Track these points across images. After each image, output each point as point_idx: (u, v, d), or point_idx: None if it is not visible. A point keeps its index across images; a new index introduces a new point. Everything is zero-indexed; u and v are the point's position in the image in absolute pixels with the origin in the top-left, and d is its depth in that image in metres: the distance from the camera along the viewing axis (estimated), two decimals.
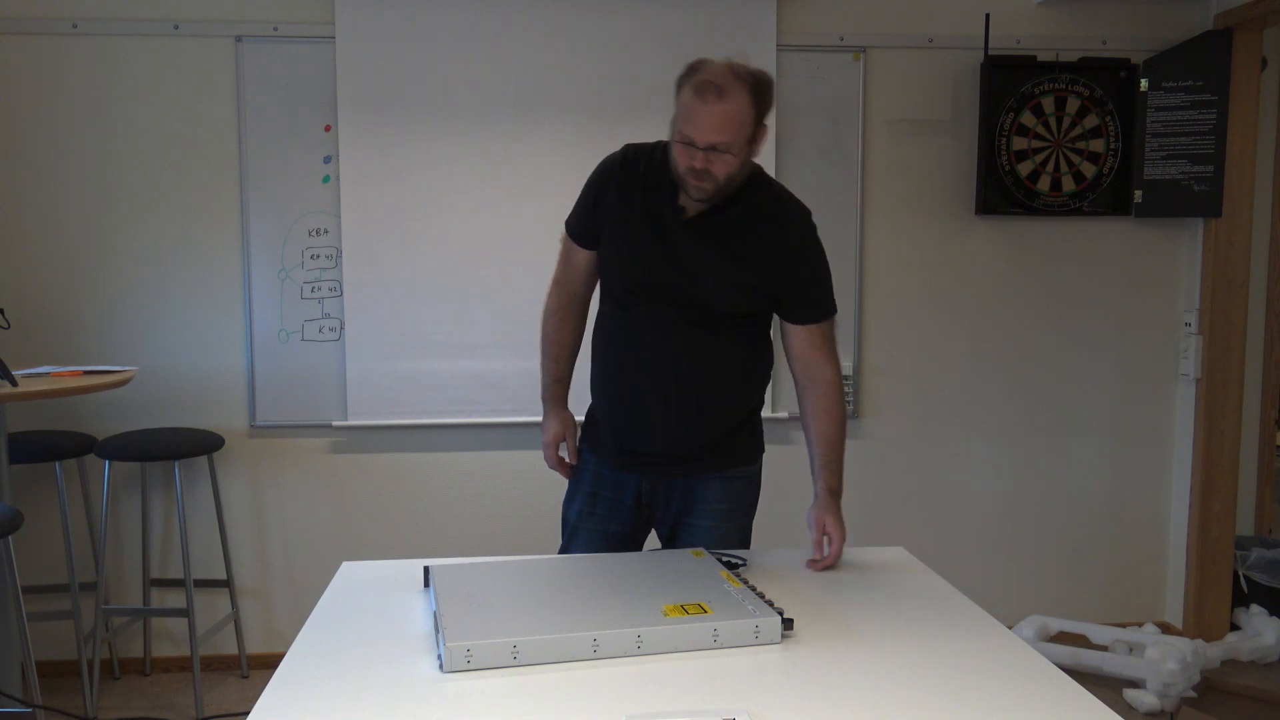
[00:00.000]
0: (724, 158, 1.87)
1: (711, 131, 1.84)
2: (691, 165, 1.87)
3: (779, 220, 2.01)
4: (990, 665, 1.45)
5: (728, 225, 1.98)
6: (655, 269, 2.00)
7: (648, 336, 2.04)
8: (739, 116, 1.86)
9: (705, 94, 1.82)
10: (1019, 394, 3.75)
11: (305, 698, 1.35)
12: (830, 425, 2.06)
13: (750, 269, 1.99)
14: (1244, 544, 3.81)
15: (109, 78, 3.35)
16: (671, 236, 1.98)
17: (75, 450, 3.22)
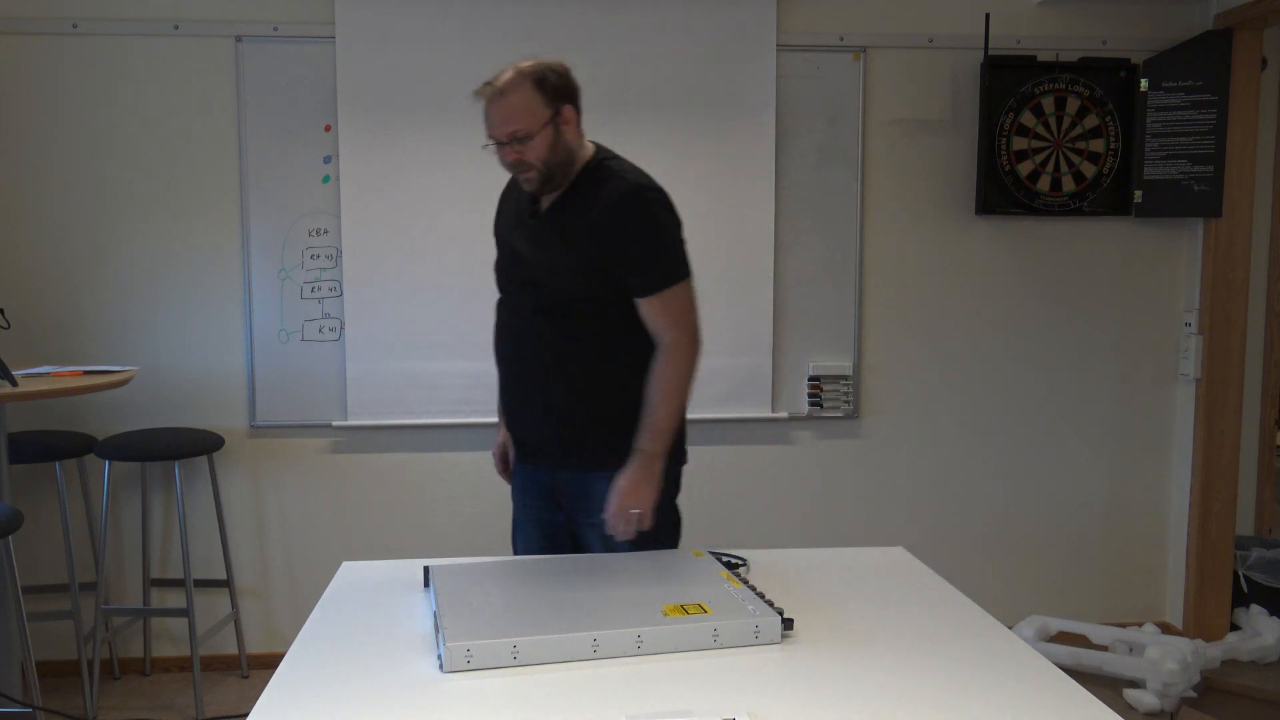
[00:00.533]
0: (528, 144, 2.00)
1: (501, 124, 1.99)
2: (507, 161, 2.03)
3: (602, 197, 2.05)
4: (990, 665, 1.45)
5: (565, 211, 2.08)
6: (511, 261, 2.15)
7: (509, 328, 2.15)
8: (523, 104, 1.99)
9: (490, 95, 2.00)
10: (1019, 394, 3.75)
11: (305, 698, 1.35)
12: (655, 385, 2.08)
13: (579, 250, 2.05)
14: (1244, 544, 3.81)
15: (109, 78, 3.35)
16: (526, 230, 2.11)
17: (75, 450, 3.22)
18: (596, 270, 2.05)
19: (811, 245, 3.60)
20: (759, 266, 3.55)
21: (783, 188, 3.56)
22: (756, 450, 3.66)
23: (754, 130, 3.51)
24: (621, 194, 2.05)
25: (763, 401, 3.59)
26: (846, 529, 3.73)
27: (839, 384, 3.65)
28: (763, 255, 3.55)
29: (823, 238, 3.61)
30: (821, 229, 3.60)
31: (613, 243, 2.04)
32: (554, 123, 2.02)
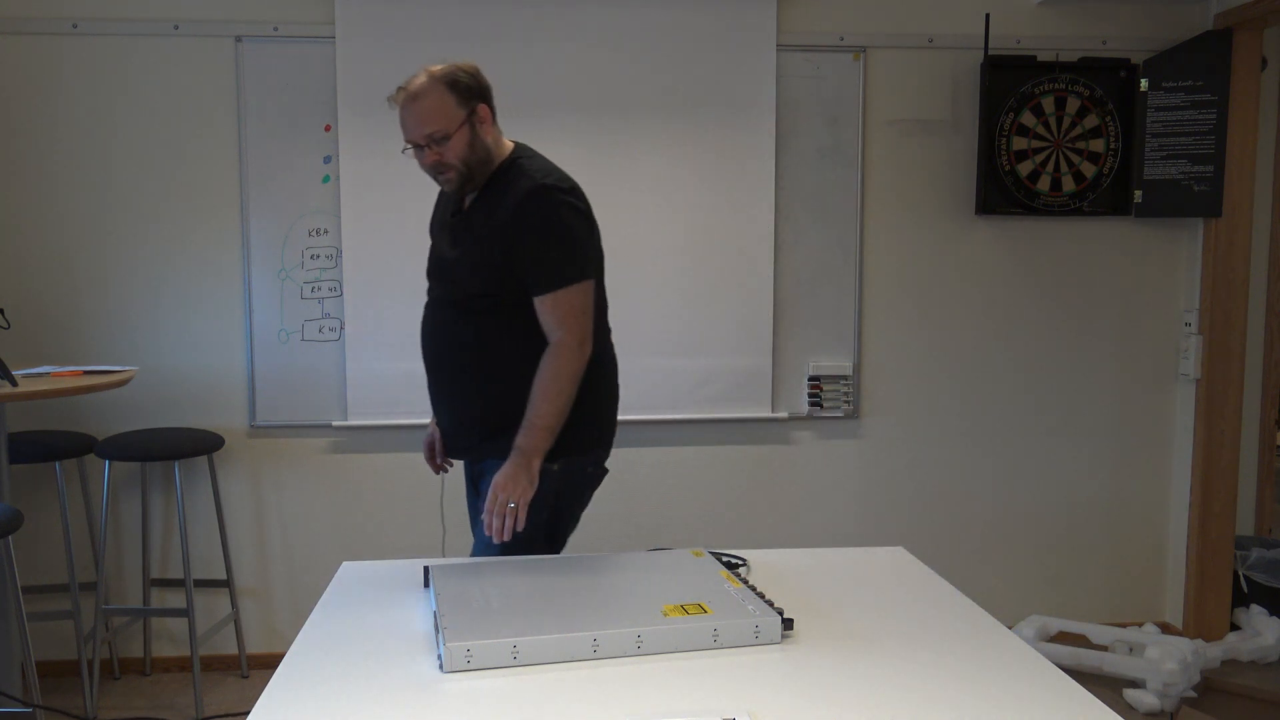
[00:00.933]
0: (444, 145, 2.05)
1: (418, 127, 2.05)
2: (427, 163, 2.08)
3: (506, 194, 2.09)
4: (990, 665, 1.45)
5: (478, 209, 2.12)
6: (435, 259, 2.20)
7: (429, 323, 2.21)
8: (436, 106, 2.04)
9: (403, 101, 2.05)
10: (1019, 394, 3.75)
11: (305, 698, 1.35)
12: (537, 383, 2.07)
13: (483, 246, 2.08)
14: (1244, 544, 3.81)
15: (109, 78, 3.35)
16: (448, 228, 2.18)
17: (75, 450, 3.22)
18: (497, 267, 2.07)
19: (811, 245, 3.60)
20: (759, 266, 3.55)
21: (783, 188, 3.56)
22: (756, 450, 3.66)
23: (754, 130, 3.51)
24: (526, 191, 2.06)
25: (763, 401, 3.59)
26: (846, 529, 3.73)
27: (839, 384, 3.65)
28: (763, 255, 3.55)
29: (823, 238, 3.61)
30: (821, 229, 3.60)
31: (512, 240, 2.06)
32: (470, 122, 2.06)
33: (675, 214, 3.52)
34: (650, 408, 3.55)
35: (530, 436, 2.05)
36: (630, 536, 3.64)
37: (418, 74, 2.07)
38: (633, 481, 3.62)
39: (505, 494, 2.01)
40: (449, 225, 2.18)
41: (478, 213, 2.12)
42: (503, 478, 2.02)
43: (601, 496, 3.62)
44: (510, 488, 2.01)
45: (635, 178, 3.49)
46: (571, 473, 2.15)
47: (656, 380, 3.54)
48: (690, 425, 3.62)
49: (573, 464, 2.15)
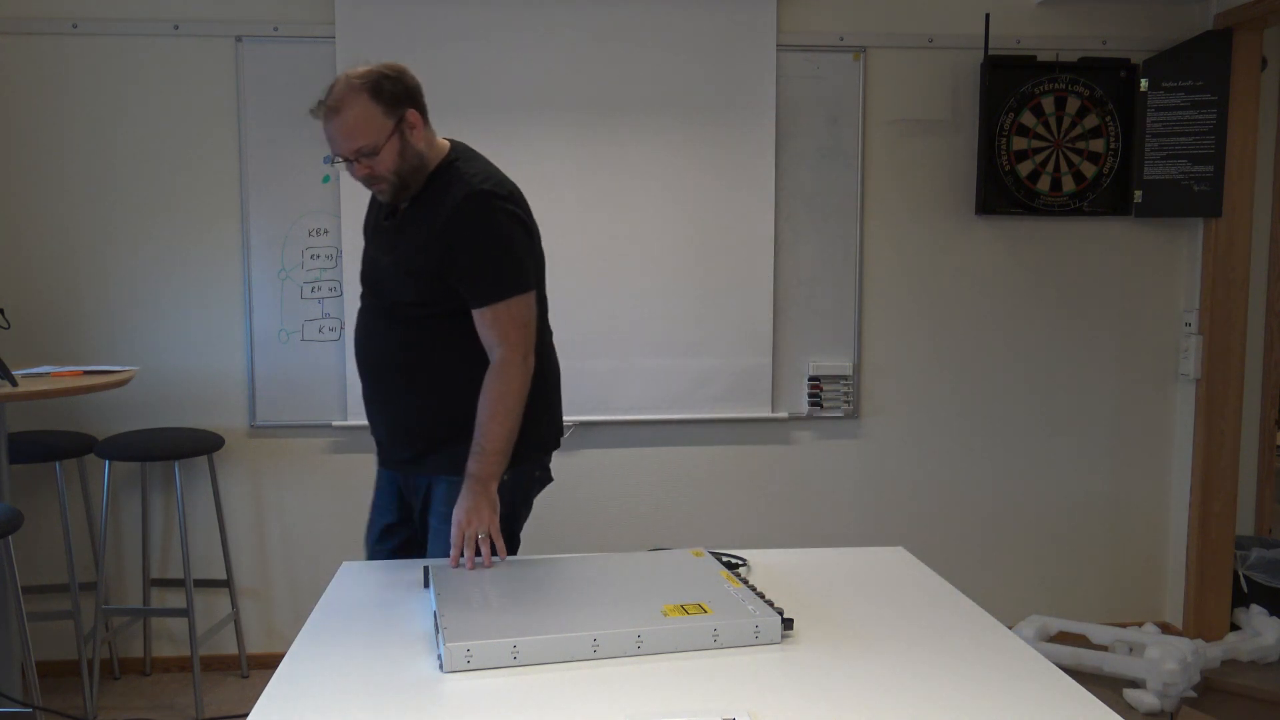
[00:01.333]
0: (374, 159, 1.95)
1: (345, 142, 1.94)
2: (358, 177, 1.98)
3: (442, 200, 1.99)
4: (990, 665, 1.45)
5: (413, 215, 2.04)
6: (367, 265, 2.13)
7: (361, 331, 2.14)
8: (363, 118, 1.92)
9: (326, 116, 1.94)
10: (1019, 394, 3.75)
11: (305, 698, 1.35)
12: (482, 406, 1.99)
13: (419, 252, 1.99)
14: (1244, 544, 3.81)
15: (109, 78, 3.35)
16: (381, 234, 2.10)
17: (75, 450, 3.22)
18: (432, 276, 1.98)
19: (811, 245, 3.60)
20: (759, 266, 3.55)
21: (783, 188, 3.56)
22: (756, 450, 3.66)
23: (754, 130, 3.51)
24: (463, 198, 1.96)
25: (763, 401, 3.59)
26: (846, 529, 3.73)
27: (839, 384, 3.65)
28: (763, 255, 3.55)
29: (823, 238, 3.61)
30: (821, 229, 3.60)
31: (447, 249, 1.96)
32: (399, 130, 1.95)
33: (675, 214, 3.52)
34: (650, 408, 3.55)
35: (483, 463, 1.97)
36: (630, 536, 3.64)
37: (337, 82, 1.94)
38: (633, 481, 3.63)
39: (472, 528, 1.91)
40: (382, 230, 2.09)
41: (412, 219, 2.02)
42: (465, 512, 1.93)
43: (602, 496, 3.62)
44: (475, 520, 1.92)
45: (635, 177, 3.49)
46: (520, 481, 2.12)
47: (656, 380, 3.55)
48: (690, 425, 3.62)
49: (520, 473, 2.11)
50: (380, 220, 2.11)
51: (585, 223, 3.49)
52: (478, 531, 1.91)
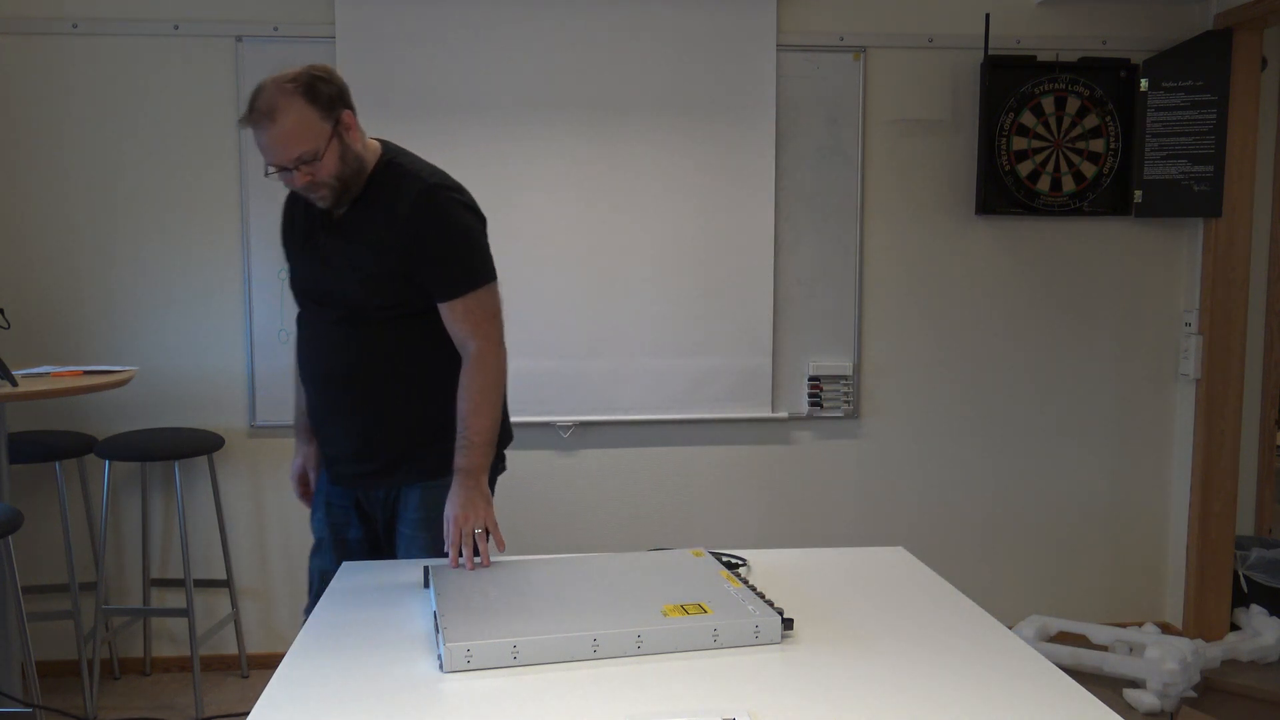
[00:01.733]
0: (315, 164, 1.88)
1: (284, 151, 1.86)
2: (298, 185, 1.91)
3: (396, 197, 1.96)
4: (990, 665, 1.45)
5: (358, 218, 1.98)
6: (309, 275, 2.03)
7: (315, 345, 2.05)
8: (300, 125, 1.85)
9: (259, 124, 1.85)
10: (1019, 394, 3.75)
11: (305, 698, 1.35)
12: (464, 400, 1.98)
13: (378, 254, 1.95)
14: (1244, 544, 3.81)
15: (109, 78, 3.35)
16: (320, 241, 2.01)
17: (75, 450, 3.22)
18: (395, 276, 1.95)
19: (811, 245, 3.60)
20: (759, 266, 3.55)
21: (783, 188, 3.56)
22: (756, 450, 3.66)
23: (754, 130, 3.51)
24: (418, 193, 1.94)
25: (763, 401, 3.59)
26: (846, 529, 3.73)
27: (839, 384, 3.65)
28: (763, 255, 3.55)
29: (823, 238, 3.61)
30: (821, 229, 3.60)
31: (411, 246, 1.93)
32: (337, 133, 1.89)
33: (675, 213, 3.52)
34: (650, 408, 3.55)
35: (473, 455, 1.97)
36: (630, 536, 3.64)
37: (265, 87, 1.85)
38: (633, 481, 3.63)
39: (470, 523, 1.91)
40: (319, 240, 2.01)
41: (359, 222, 1.97)
42: (460, 508, 1.93)
43: (602, 496, 3.62)
44: (472, 516, 1.92)
45: (635, 177, 3.49)
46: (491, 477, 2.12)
47: (657, 380, 3.55)
48: (690, 425, 3.62)
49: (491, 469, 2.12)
50: (313, 229, 2.03)
51: (585, 223, 3.49)
52: (475, 528, 1.91)
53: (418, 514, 2.09)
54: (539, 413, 3.52)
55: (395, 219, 1.94)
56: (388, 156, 2.01)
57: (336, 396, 2.05)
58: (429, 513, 2.08)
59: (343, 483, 2.11)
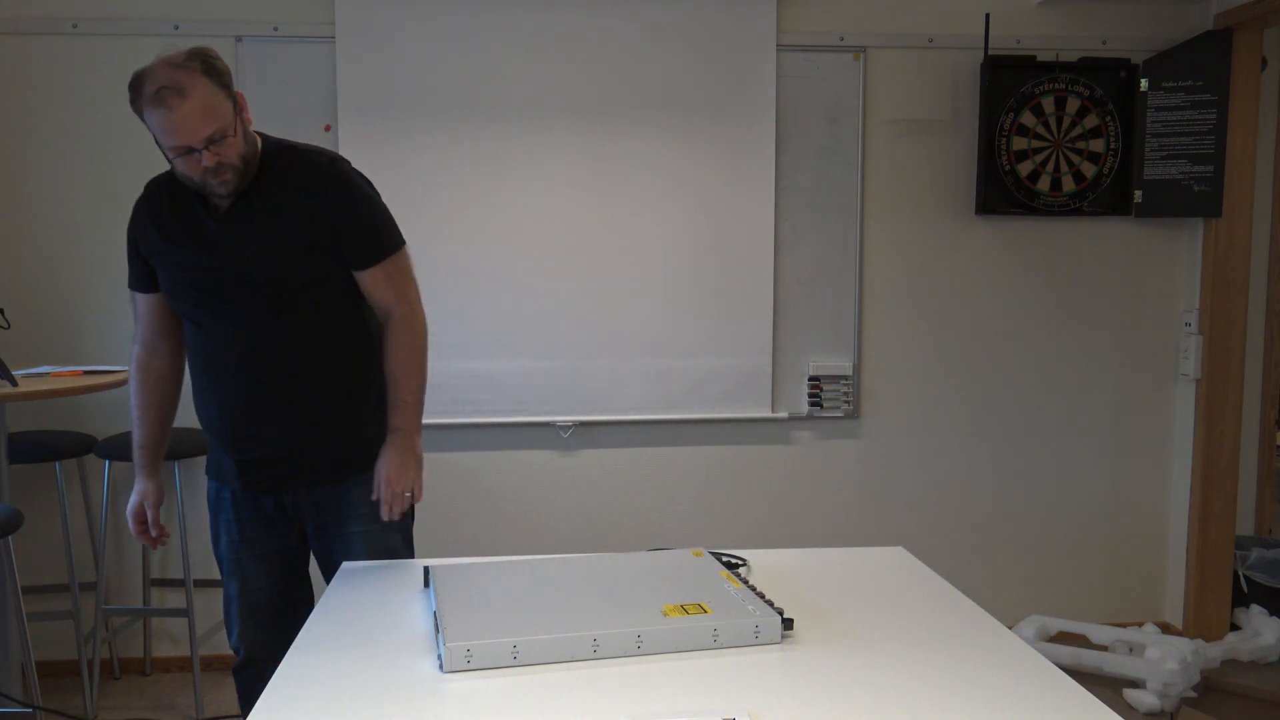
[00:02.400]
0: (225, 142, 1.84)
1: (196, 129, 1.80)
2: (205, 167, 1.84)
3: (307, 173, 1.96)
4: (990, 665, 1.45)
5: (261, 199, 1.94)
6: (206, 272, 1.95)
7: (223, 341, 1.98)
8: (209, 101, 1.81)
9: (169, 100, 1.77)
10: (1019, 394, 3.75)
11: (305, 698, 1.35)
12: (394, 361, 2.03)
13: (296, 229, 1.93)
14: (1244, 544, 3.81)
15: (109, 78, 3.35)
16: (212, 236, 1.94)
17: (75, 450, 3.22)
18: (315, 249, 1.94)
19: (811, 245, 3.60)
20: (759, 266, 3.55)
21: (783, 188, 3.56)
22: (756, 450, 3.66)
23: (754, 130, 3.51)
24: (323, 169, 1.96)
25: (763, 401, 3.59)
26: (846, 529, 3.73)
27: (839, 384, 3.65)
28: (763, 255, 3.55)
29: (823, 238, 3.61)
30: (821, 229, 3.60)
31: (331, 218, 1.94)
32: (237, 113, 1.88)
33: (675, 213, 3.52)
34: (650, 408, 3.55)
35: (407, 415, 2.03)
36: (630, 536, 3.64)
37: (158, 68, 1.79)
38: (633, 481, 3.63)
39: (402, 485, 2.01)
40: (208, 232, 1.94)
41: (264, 205, 1.93)
42: (393, 468, 2.00)
43: (602, 496, 3.62)
44: (403, 477, 2.01)
45: (635, 177, 3.49)
46: None
47: (657, 380, 3.55)
48: (690, 425, 3.62)
49: None
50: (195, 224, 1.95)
51: (585, 222, 3.49)
52: (405, 489, 2.01)
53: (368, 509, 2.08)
54: (539, 413, 3.52)
55: (309, 195, 1.94)
56: (273, 141, 2.00)
57: (263, 394, 1.99)
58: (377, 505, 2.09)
59: (266, 487, 2.04)
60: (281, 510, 2.09)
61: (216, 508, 2.12)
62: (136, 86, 1.81)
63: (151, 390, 2.12)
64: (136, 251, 2.04)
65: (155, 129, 1.81)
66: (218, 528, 2.12)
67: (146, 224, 2.01)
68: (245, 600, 2.11)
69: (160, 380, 2.12)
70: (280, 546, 2.11)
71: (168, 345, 2.12)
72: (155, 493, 2.12)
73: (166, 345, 2.12)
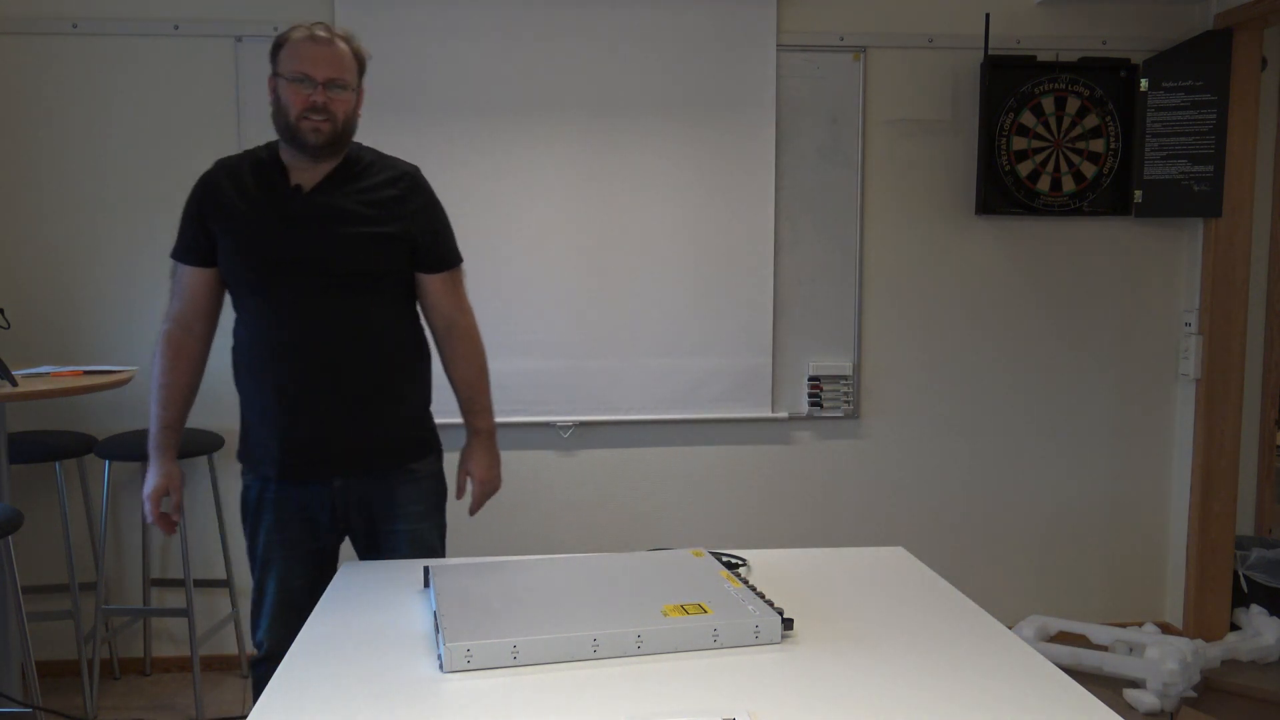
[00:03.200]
0: (343, 95, 1.98)
1: (329, 67, 1.96)
2: (312, 101, 1.95)
3: (398, 174, 2.10)
4: (990, 665, 1.45)
5: (345, 186, 2.04)
6: (282, 247, 2.00)
7: (283, 318, 2.01)
8: (346, 60, 2.00)
9: (316, 39, 1.96)
10: (1019, 394, 3.75)
11: (305, 698, 1.35)
12: (467, 369, 2.18)
13: (376, 220, 2.03)
14: (1244, 544, 3.81)
15: (109, 78, 3.35)
16: (294, 212, 2.01)
17: (75, 450, 3.22)
18: (393, 242, 2.04)
19: (811, 245, 3.60)
20: (759, 266, 3.55)
21: (783, 188, 3.56)
22: (756, 450, 3.66)
23: (754, 130, 3.51)
24: (408, 174, 2.11)
25: (763, 401, 3.59)
26: (846, 529, 3.73)
27: (839, 384, 3.65)
28: (763, 255, 3.55)
29: (823, 238, 3.61)
30: (821, 229, 3.61)
31: (412, 217, 2.07)
32: (358, 90, 2.04)
33: (675, 214, 3.52)
34: (650, 408, 3.55)
35: (488, 417, 2.21)
36: (630, 536, 3.64)
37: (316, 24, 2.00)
38: (633, 481, 3.63)
39: (492, 484, 2.20)
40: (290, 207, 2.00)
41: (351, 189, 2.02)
42: (483, 468, 2.19)
43: (602, 496, 3.62)
44: (492, 476, 2.21)
45: (635, 177, 3.49)
46: None
47: (656, 380, 3.55)
48: (690, 425, 3.62)
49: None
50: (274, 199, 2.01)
51: (585, 222, 3.49)
52: (495, 488, 2.21)
53: (417, 506, 2.13)
54: (539, 413, 3.53)
55: (393, 191, 2.06)
56: (359, 143, 2.13)
57: (321, 372, 2.01)
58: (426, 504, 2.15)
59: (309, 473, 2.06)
60: (329, 510, 2.10)
61: (258, 507, 2.11)
62: (288, 30, 2.00)
63: (182, 371, 2.10)
64: (201, 222, 2.05)
65: (291, 55, 1.96)
66: (257, 526, 2.12)
67: (224, 193, 2.03)
68: (279, 598, 2.12)
69: (191, 361, 2.12)
70: (318, 547, 2.13)
71: (202, 327, 2.12)
72: (179, 475, 2.12)
73: (201, 327, 2.12)
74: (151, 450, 2.10)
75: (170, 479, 2.09)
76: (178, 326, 2.10)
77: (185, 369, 2.11)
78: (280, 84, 1.99)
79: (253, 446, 2.11)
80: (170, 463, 2.10)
